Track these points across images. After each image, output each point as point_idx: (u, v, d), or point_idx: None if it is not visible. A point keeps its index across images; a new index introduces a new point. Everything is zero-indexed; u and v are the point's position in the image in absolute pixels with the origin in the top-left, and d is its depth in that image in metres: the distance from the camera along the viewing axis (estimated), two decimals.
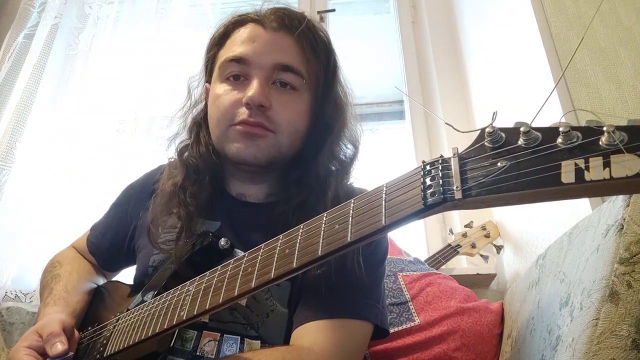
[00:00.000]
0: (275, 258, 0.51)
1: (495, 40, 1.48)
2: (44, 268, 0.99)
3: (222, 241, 0.73)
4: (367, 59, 2.55)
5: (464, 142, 0.40)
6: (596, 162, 0.29)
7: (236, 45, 0.83)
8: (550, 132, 0.33)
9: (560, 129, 0.32)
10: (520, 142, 0.34)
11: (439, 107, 1.72)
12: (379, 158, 2.35)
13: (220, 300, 0.54)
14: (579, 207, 0.96)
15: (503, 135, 0.35)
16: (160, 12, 1.91)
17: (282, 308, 0.77)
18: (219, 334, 0.73)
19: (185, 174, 0.85)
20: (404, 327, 1.05)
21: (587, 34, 1.16)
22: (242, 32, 0.84)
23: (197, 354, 0.71)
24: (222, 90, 0.82)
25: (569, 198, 0.32)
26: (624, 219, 0.61)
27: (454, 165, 0.37)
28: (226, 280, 0.56)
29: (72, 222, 1.53)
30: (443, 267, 1.32)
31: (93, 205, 1.54)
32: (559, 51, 1.14)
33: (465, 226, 1.41)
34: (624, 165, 0.28)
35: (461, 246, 1.36)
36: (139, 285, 0.84)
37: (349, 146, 0.89)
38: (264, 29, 0.83)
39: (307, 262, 0.47)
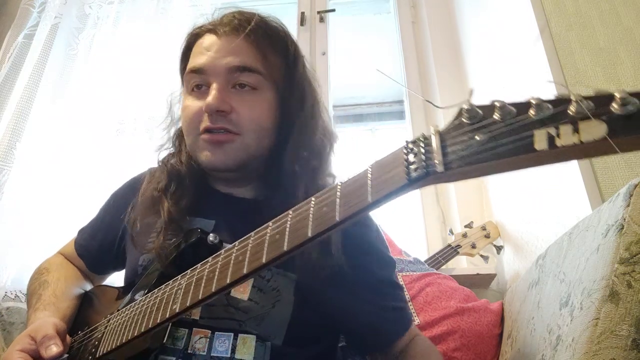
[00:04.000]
0: (266, 244, 0.51)
1: (495, 40, 1.48)
2: (30, 276, 0.98)
3: (211, 237, 0.73)
4: (367, 58, 2.55)
5: None
6: (566, 129, 0.32)
7: (195, 57, 0.86)
8: (523, 106, 0.35)
9: (532, 102, 0.34)
10: (496, 116, 0.36)
11: (438, 105, 1.72)
12: (379, 158, 2.35)
13: (213, 289, 0.54)
14: (579, 207, 0.96)
15: (479, 111, 0.38)
16: (160, 12, 1.91)
17: (289, 296, 0.77)
18: (210, 331, 0.73)
19: (168, 179, 0.87)
20: None
21: (587, 34, 1.16)
22: (199, 44, 0.87)
23: (189, 351, 0.71)
24: (188, 101, 0.85)
25: (542, 164, 0.35)
26: (624, 219, 0.61)
27: (435, 141, 0.39)
28: (218, 270, 0.56)
29: (72, 222, 1.53)
30: (443, 267, 1.32)
31: (93, 205, 1.54)
32: (559, 51, 1.14)
33: (466, 226, 1.41)
34: (592, 130, 0.31)
35: (461, 246, 1.36)
36: (129, 285, 0.84)
37: (321, 139, 0.89)
38: (217, 37, 0.85)
39: (298, 244, 0.48)
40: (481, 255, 1.38)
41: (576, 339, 0.62)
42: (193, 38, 0.90)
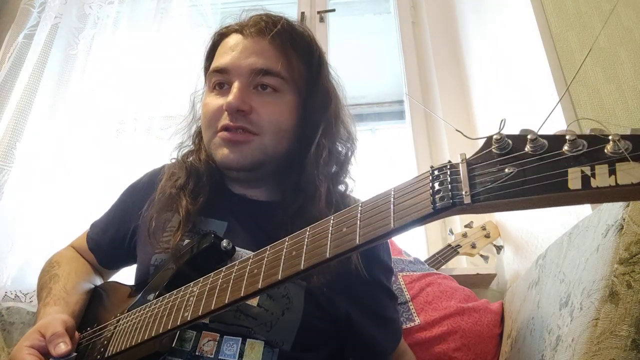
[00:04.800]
0: (282, 260, 0.51)
1: (495, 40, 1.48)
2: (42, 267, 0.99)
3: (224, 242, 0.74)
4: (367, 59, 2.55)
5: (463, 142, 0.41)
6: (602, 169, 0.30)
7: (220, 56, 0.86)
8: (556, 140, 0.34)
9: (567, 137, 0.32)
10: (527, 149, 0.34)
11: (439, 107, 1.72)
12: (379, 158, 2.35)
13: (227, 301, 0.54)
14: (579, 207, 0.96)
15: (510, 142, 0.36)
16: (160, 12, 1.91)
17: (299, 303, 0.77)
18: (218, 335, 0.73)
19: (186, 176, 0.87)
20: (404, 327, 1.05)
21: (587, 34, 1.16)
22: (225, 43, 0.88)
23: (197, 354, 0.71)
24: (208, 99, 0.85)
25: (574, 204, 0.33)
26: (624, 219, 0.61)
27: (463, 170, 0.38)
28: (232, 281, 0.56)
29: (72, 222, 1.53)
30: (443, 267, 1.32)
31: (93, 205, 1.54)
32: (559, 51, 1.14)
33: (465, 226, 1.41)
34: (629, 173, 0.29)
35: (461, 246, 1.36)
36: (140, 284, 0.84)
37: (343, 144, 0.90)
38: (243, 37, 0.85)
39: (315, 263, 0.47)
40: (481, 255, 1.38)
41: (576, 339, 0.62)
42: (219, 37, 0.91)
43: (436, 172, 0.41)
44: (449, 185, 0.38)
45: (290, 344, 0.75)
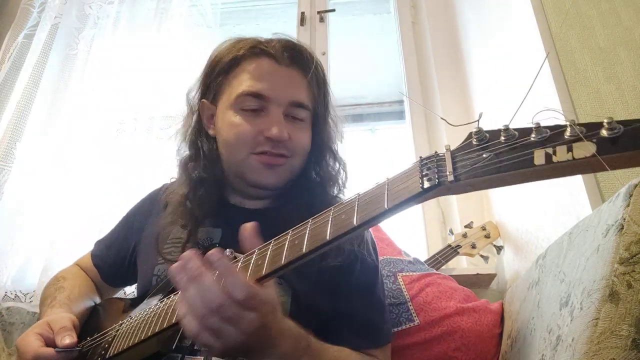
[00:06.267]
0: (286, 248, 0.55)
1: (495, 40, 1.48)
2: (47, 282, 1.03)
3: (227, 252, 0.76)
4: (367, 59, 2.55)
5: (462, 141, 0.45)
6: (562, 149, 0.38)
7: (254, 80, 0.89)
8: (525, 130, 0.41)
9: (533, 127, 0.40)
10: (501, 138, 0.41)
11: (439, 107, 1.72)
12: (379, 158, 2.35)
13: None
14: (579, 207, 0.96)
15: (487, 134, 0.43)
16: (160, 12, 1.91)
17: (286, 305, 0.80)
18: None
19: (190, 186, 0.91)
20: (404, 327, 1.05)
21: (587, 34, 1.16)
22: (258, 66, 0.90)
23: (195, 347, 0.74)
24: (239, 120, 0.88)
25: (539, 179, 0.40)
26: (624, 219, 0.61)
27: (447, 157, 0.45)
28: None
29: (72, 222, 1.53)
30: (443, 267, 1.32)
31: (93, 205, 1.54)
32: (559, 51, 1.14)
33: (466, 226, 1.41)
34: (583, 149, 0.37)
35: (461, 246, 1.36)
36: (136, 299, 0.87)
37: (335, 161, 0.98)
38: (279, 65, 0.90)
39: (317, 246, 0.51)
40: (481, 255, 1.38)
41: (576, 339, 0.62)
42: (245, 55, 0.91)
43: (425, 161, 0.48)
44: (436, 169, 0.45)
45: None
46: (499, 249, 1.40)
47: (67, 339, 0.75)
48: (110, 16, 1.90)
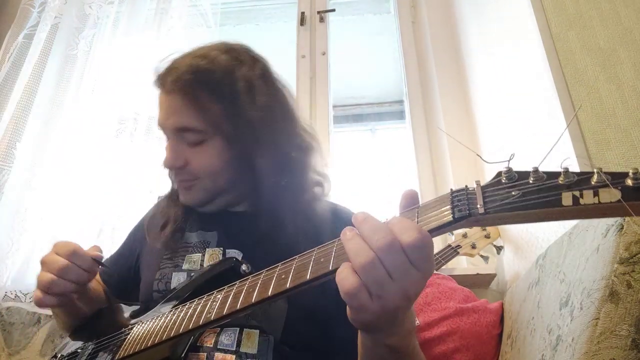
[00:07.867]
0: (311, 264, 0.55)
1: (495, 40, 1.48)
2: None
3: (244, 266, 0.78)
4: (367, 58, 2.55)
5: (464, 147, 0.44)
6: (588, 193, 0.40)
7: (158, 109, 0.92)
8: (553, 174, 0.43)
9: (562, 171, 0.42)
10: (530, 179, 0.44)
11: (439, 108, 1.72)
12: (378, 158, 2.35)
13: (253, 300, 0.57)
14: None
15: (516, 174, 0.46)
16: (160, 12, 1.91)
17: (283, 303, 0.80)
18: (219, 328, 0.76)
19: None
20: None
21: (587, 34, 1.16)
22: (158, 97, 0.92)
23: (197, 344, 0.74)
24: (166, 145, 0.92)
25: (565, 219, 0.42)
26: (624, 219, 0.61)
27: (478, 191, 0.48)
28: (259, 284, 0.59)
29: (72, 222, 1.53)
30: (443, 267, 1.32)
31: (93, 205, 1.54)
32: (559, 51, 1.14)
33: None
34: (609, 195, 0.39)
35: (461, 247, 1.35)
36: (146, 302, 0.88)
37: (291, 154, 0.90)
38: (164, 94, 0.89)
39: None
40: (481, 256, 1.38)
41: (576, 339, 0.62)
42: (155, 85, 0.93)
43: (455, 193, 0.51)
44: (467, 201, 0.48)
45: (279, 333, 0.78)
46: (499, 249, 1.40)
47: (98, 252, 0.83)
48: (110, 16, 1.90)
